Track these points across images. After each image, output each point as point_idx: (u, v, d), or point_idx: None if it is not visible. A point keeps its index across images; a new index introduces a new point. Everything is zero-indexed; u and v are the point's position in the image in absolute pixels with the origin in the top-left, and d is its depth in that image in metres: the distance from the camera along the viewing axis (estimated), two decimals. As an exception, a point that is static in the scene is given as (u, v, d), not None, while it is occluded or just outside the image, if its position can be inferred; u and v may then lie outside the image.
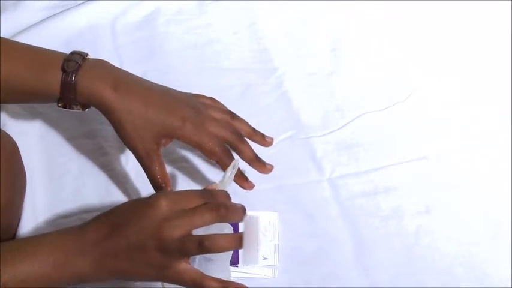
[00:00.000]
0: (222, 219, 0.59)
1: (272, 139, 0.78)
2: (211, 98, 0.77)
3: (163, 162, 0.71)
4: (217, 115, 0.75)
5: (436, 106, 0.89)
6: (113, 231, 0.58)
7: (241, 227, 0.76)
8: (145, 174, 0.72)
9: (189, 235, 0.58)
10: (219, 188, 0.65)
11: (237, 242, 0.58)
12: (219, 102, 0.78)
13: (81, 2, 0.94)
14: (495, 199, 0.82)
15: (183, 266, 0.58)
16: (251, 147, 0.76)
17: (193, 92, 0.77)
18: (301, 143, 0.85)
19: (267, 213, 0.78)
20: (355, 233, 0.78)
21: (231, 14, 0.96)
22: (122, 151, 0.82)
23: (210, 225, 0.59)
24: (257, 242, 0.76)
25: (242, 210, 0.61)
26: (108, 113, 0.69)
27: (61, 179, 0.80)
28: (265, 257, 0.76)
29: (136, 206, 0.60)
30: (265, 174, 0.76)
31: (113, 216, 0.60)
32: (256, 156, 0.76)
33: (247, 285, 0.68)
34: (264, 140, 0.77)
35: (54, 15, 0.92)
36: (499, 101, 0.90)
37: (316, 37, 0.95)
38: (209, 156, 0.72)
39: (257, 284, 0.74)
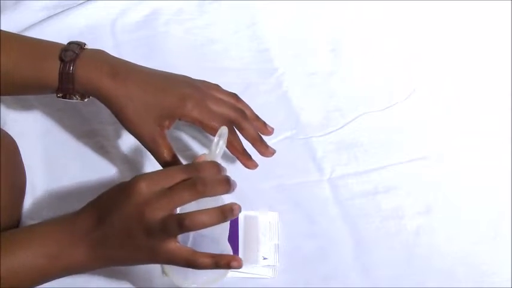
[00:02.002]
0: (201, 196, 0.58)
1: (273, 129, 0.78)
2: (215, 84, 0.76)
3: (170, 144, 0.70)
4: (220, 95, 0.74)
5: (436, 106, 0.89)
6: (100, 220, 0.58)
7: (241, 227, 0.76)
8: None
9: (171, 215, 0.57)
10: (208, 159, 0.63)
11: (219, 215, 0.57)
12: (221, 87, 0.77)
13: (81, 2, 0.94)
14: (495, 199, 0.82)
15: (172, 245, 0.58)
16: (258, 124, 0.75)
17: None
18: (301, 143, 0.85)
19: (267, 213, 0.78)
20: (355, 233, 0.78)
21: (231, 14, 0.96)
22: (122, 150, 0.82)
23: (201, 200, 0.58)
24: (257, 242, 0.76)
25: (226, 181, 0.59)
26: (107, 101, 0.68)
27: (61, 179, 0.80)
28: (265, 257, 0.75)
29: (117, 192, 0.59)
30: (269, 157, 0.75)
31: (98, 204, 0.60)
32: (260, 137, 0.75)
33: (247, 285, 0.68)
34: (265, 127, 0.77)
35: (54, 15, 0.92)
36: (499, 101, 0.90)
37: (316, 37, 0.95)
38: (212, 133, 0.71)
39: (257, 284, 0.74)
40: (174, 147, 0.71)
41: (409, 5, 0.97)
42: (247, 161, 0.74)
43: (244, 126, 0.73)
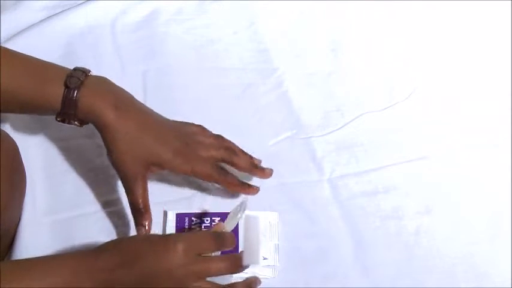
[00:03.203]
0: (235, 272, 0.62)
1: (260, 161, 0.79)
2: (200, 126, 0.78)
3: (147, 188, 0.72)
4: (206, 139, 0.76)
5: (436, 106, 0.89)
6: (125, 263, 0.59)
7: (241, 226, 0.76)
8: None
9: (208, 283, 0.60)
10: (227, 228, 0.67)
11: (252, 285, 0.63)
12: (207, 130, 0.78)
13: (81, 2, 0.94)
14: (495, 199, 0.82)
15: None
16: (246, 157, 0.77)
17: (194, 90, 0.76)
18: (301, 143, 0.85)
19: (267, 213, 0.78)
20: (355, 233, 0.78)
21: (231, 14, 0.96)
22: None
23: None
24: (257, 242, 0.76)
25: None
26: (105, 130, 0.69)
27: (61, 179, 0.80)
28: (265, 257, 0.75)
29: (150, 245, 0.60)
30: (268, 178, 0.78)
31: (124, 248, 0.60)
32: (253, 164, 0.78)
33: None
34: (252, 160, 0.78)
35: (54, 15, 0.92)
36: (499, 101, 0.90)
37: (316, 37, 0.95)
38: (207, 180, 0.74)
39: (257, 284, 0.74)
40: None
41: (409, 5, 0.98)
42: (249, 190, 0.77)
43: (236, 161, 0.76)
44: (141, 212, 0.71)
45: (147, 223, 0.71)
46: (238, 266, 0.62)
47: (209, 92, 0.79)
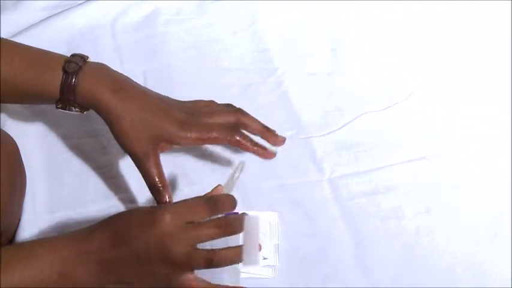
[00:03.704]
0: (226, 235, 0.60)
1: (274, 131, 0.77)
2: (209, 100, 0.77)
3: (160, 164, 0.71)
4: (213, 108, 0.74)
5: (436, 106, 0.89)
6: (117, 242, 0.58)
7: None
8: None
9: (197, 250, 0.59)
10: (225, 191, 0.66)
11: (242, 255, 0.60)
12: (216, 102, 0.77)
13: (81, 2, 0.94)
14: (495, 199, 0.82)
15: (190, 276, 0.59)
16: (258, 121, 0.75)
17: (194, 90, 0.76)
18: (301, 143, 0.85)
19: (267, 213, 0.78)
20: (355, 233, 0.78)
21: (231, 14, 0.96)
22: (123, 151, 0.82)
23: None
24: (257, 242, 0.76)
25: (242, 221, 0.61)
26: (107, 114, 0.68)
27: (62, 179, 0.80)
28: (265, 257, 0.75)
29: (139, 219, 0.60)
30: (281, 145, 0.76)
31: (115, 226, 0.60)
32: (266, 126, 0.75)
33: (247, 285, 0.68)
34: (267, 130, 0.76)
35: (54, 15, 0.92)
36: (499, 101, 0.90)
37: (316, 37, 0.95)
38: (217, 144, 0.72)
39: (257, 284, 0.74)
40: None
41: (409, 5, 0.98)
42: (264, 153, 0.74)
43: (247, 122, 0.74)
44: (159, 189, 0.70)
45: (167, 200, 0.70)
46: (232, 228, 0.60)
47: (209, 92, 0.79)
